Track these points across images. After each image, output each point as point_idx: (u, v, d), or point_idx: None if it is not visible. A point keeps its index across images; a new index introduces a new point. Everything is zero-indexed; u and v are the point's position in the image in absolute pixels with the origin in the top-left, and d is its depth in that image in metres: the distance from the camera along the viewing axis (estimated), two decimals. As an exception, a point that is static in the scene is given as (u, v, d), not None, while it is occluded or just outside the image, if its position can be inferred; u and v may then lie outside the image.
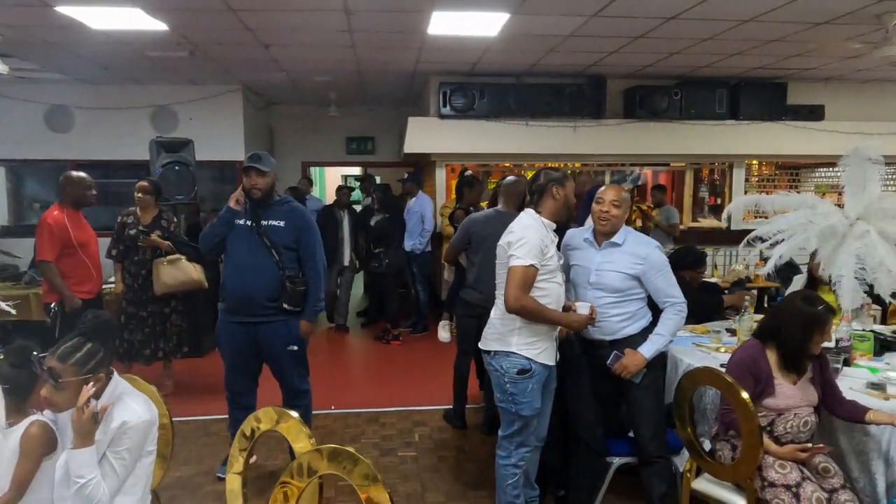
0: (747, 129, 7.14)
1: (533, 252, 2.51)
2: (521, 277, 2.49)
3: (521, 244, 2.52)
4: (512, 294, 2.50)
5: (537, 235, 2.56)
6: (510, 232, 2.63)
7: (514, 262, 2.51)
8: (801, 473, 2.36)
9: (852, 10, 4.58)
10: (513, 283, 2.50)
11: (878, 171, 3.14)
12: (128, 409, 2.00)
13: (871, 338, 3.24)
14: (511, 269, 2.52)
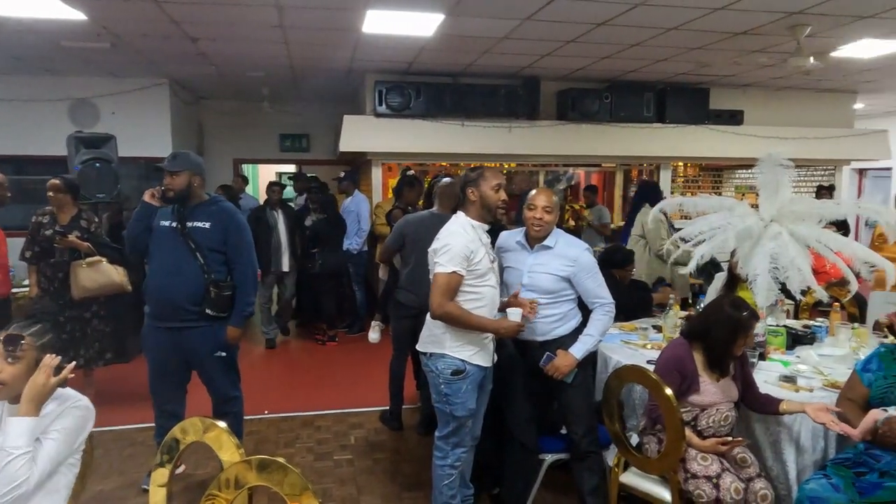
0: (673, 132, 7.42)
1: (456, 259, 2.52)
2: (445, 284, 2.51)
3: (445, 251, 2.54)
4: (435, 301, 2.51)
5: (462, 241, 2.57)
6: (437, 239, 2.64)
7: (438, 270, 2.53)
8: (721, 465, 2.48)
9: (766, 23, 4.84)
10: (436, 290, 2.52)
11: (789, 176, 3.32)
12: (71, 393, 1.95)
13: (783, 333, 3.44)
14: (434, 276, 2.54)
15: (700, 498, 2.45)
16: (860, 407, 2.53)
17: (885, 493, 2.30)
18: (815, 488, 2.39)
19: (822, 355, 3.36)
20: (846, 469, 2.44)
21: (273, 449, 3.93)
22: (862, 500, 2.31)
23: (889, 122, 9.59)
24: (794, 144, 7.63)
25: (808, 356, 3.31)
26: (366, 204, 6.83)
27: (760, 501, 2.46)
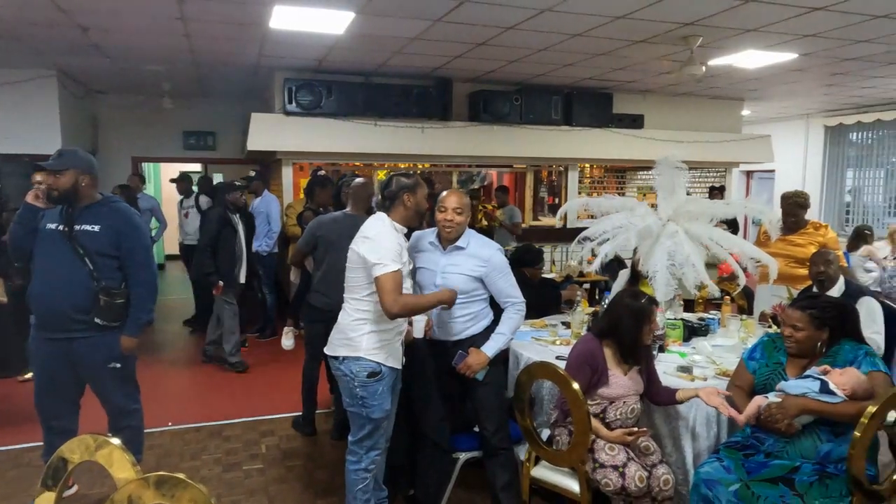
0: (579, 134, 7.70)
1: (393, 256, 2.52)
2: (392, 283, 2.48)
3: (384, 251, 2.51)
4: (388, 300, 2.47)
5: (393, 240, 2.57)
6: (366, 238, 2.60)
7: (381, 271, 2.48)
8: (627, 454, 2.60)
9: (663, 32, 5.12)
10: (386, 291, 2.47)
11: (683, 177, 3.52)
12: None
13: (681, 325, 3.64)
14: (379, 279, 2.49)
15: (607, 486, 2.55)
16: (747, 393, 2.71)
17: (770, 471, 2.48)
18: (709, 471, 2.55)
19: (715, 345, 3.59)
20: (736, 451, 2.61)
21: (177, 463, 3.74)
22: (750, 479, 2.48)
23: (772, 128, 10.41)
24: (689, 148, 8.12)
25: (702, 347, 3.52)
26: (276, 204, 6.64)
27: (662, 486, 2.59)
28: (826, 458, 2.47)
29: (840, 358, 2.58)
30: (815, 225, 4.46)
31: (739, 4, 4.40)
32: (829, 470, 2.43)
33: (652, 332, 2.77)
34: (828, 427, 2.50)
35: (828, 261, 3.58)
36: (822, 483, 2.38)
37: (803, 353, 2.63)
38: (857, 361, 2.54)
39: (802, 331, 2.57)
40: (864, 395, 2.43)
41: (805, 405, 2.47)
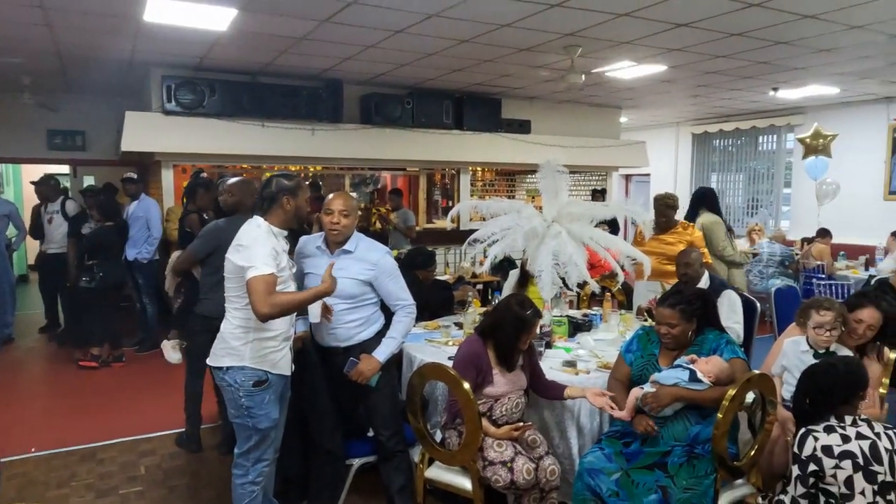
0: (470, 138, 7.86)
1: (269, 260, 2.42)
2: (264, 285, 2.37)
3: (258, 255, 2.40)
4: (260, 301, 2.35)
5: (268, 245, 2.47)
6: (240, 246, 2.48)
7: (253, 274, 2.37)
8: (514, 449, 2.67)
9: (545, 42, 5.34)
10: (257, 294, 2.36)
11: (565, 181, 3.69)
12: None
13: (566, 322, 3.80)
14: (250, 281, 2.37)
15: (497, 482, 2.61)
16: (625, 385, 2.88)
17: (646, 458, 2.65)
18: (592, 460, 2.68)
19: (598, 340, 3.78)
20: (616, 440, 2.77)
21: (42, 492, 3.42)
22: (629, 466, 2.63)
23: (647, 135, 11.14)
24: (573, 152, 8.51)
25: (586, 341, 3.70)
26: (155, 209, 6.22)
27: (549, 476, 2.69)
28: (695, 440, 2.67)
29: (705, 347, 2.80)
30: (683, 225, 4.82)
31: (614, 18, 4.67)
32: (696, 451, 2.63)
33: (529, 341, 2.80)
34: (696, 411, 2.71)
35: (688, 263, 3.81)
36: (690, 464, 2.57)
37: (679, 345, 2.83)
38: (719, 350, 2.77)
39: (677, 326, 2.77)
40: (727, 381, 2.65)
41: (677, 393, 2.66)
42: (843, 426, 2.26)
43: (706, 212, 5.36)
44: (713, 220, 5.27)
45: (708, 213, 5.33)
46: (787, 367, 2.99)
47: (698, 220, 5.32)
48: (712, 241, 5.16)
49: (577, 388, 2.87)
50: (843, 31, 5.01)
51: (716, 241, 5.18)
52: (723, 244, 5.21)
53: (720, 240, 5.22)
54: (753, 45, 5.49)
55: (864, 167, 8.53)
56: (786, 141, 9.82)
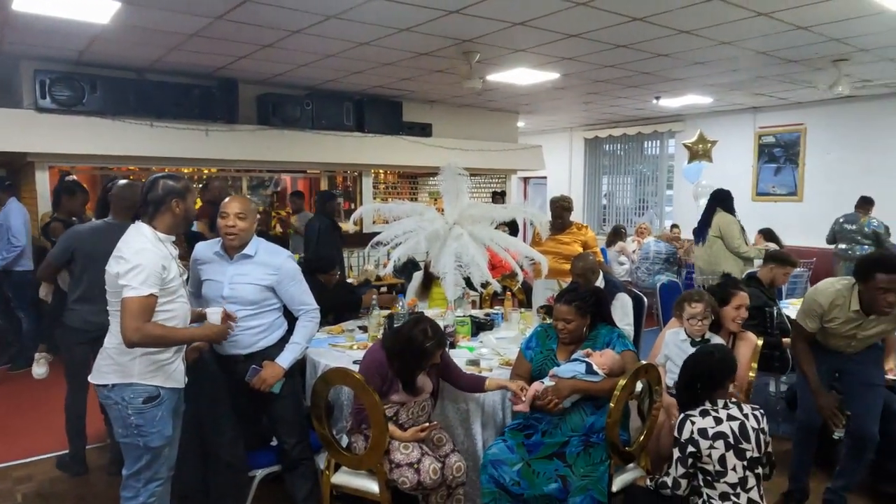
0: (371, 141, 7.84)
1: (151, 279, 2.27)
2: (140, 308, 2.23)
3: (137, 272, 2.25)
4: (130, 327, 2.22)
5: (154, 258, 2.31)
6: (120, 258, 2.31)
7: (130, 293, 2.23)
8: (421, 450, 2.70)
9: (444, 47, 5.43)
10: (130, 315, 2.22)
11: (466, 183, 3.78)
12: None
13: (469, 322, 3.88)
14: (126, 300, 2.23)
15: (404, 484, 2.63)
16: (526, 381, 2.98)
17: (546, 448, 2.77)
18: (496, 452, 2.77)
19: (500, 338, 3.89)
20: (518, 432, 2.87)
21: None
22: (531, 457, 2.74)
23: (543, 139, 11.57)
24: (474, 155, 8.71)
25: (488, 340, 3.80)
26: (20, 214, 5.63)
27: (456, 473, 2.74)
28: (591, 429, 2.82)
29: (599, 341, 2.97)
30: (577, 225, 5.07)
31: (510, 27, 4.83)
32: (592, 440, 2.78)
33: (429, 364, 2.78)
34: (591, 402, 2.86)
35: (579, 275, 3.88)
36: (586, 452, 2.72)
37: (574, 339, 2.97)
38: (612, 343, 2.95)
39: (573, 321, 2.92)
40: (619, 372, 2.82)
41: (575, 386, 2.81)
42: (716, 409, 2.47)
43: (721, 212, 5.72)
44: (729, 220, 5.65)
45: (723, 213, 5.69)
46: (669, 357, 3.23)
47: (714, 219, 5.68)
48: (728, 239, 5.58)
49: (496, 380, 2.95)
50: (715, 46, 5.46)
51: (731, 240, 5.59)
52: (737, 242, 5.59)
53: (735, 238, 5.60)
54: (637, 57, 5.86)
55: (735, 171, 9.32)
56: (668, 146, 10.54)
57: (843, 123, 8.32)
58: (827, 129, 8.51)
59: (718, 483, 2.41)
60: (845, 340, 3.03)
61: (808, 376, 3.03)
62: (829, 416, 2.93)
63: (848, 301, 2.92)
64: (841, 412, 2.92)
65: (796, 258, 4.61)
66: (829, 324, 3.00)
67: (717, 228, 5.67)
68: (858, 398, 3.02)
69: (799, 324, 3.09)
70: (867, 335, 2.99)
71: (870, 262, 2.85)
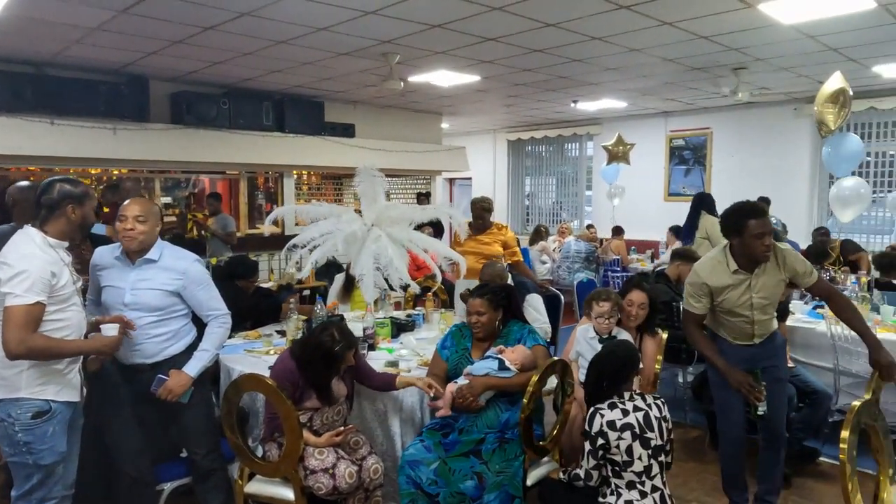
0: (292, 141, 7.69)
1: (38, 286, 2.15)
2: (24, 317, 2.11)
3: (22, 279, 2.13)
4: (14, 337, 2.09)
5: (41, 264, 2.19)
6: (4, 264, 2.18)
7: (13, 301, 2.11)
8: (336, 455, 2.67)
9: (363, 47, 5.40)
10: (13, 325, 2.10)
11: (382, 185, 3.77)
12: None
13: (388, 323, 3.88)
14: (9, 308, 2.11)
15: (319, 490, 2.60)
16: (442, 380, 3.02)
17: (462, 446, 2.80)
18: (413, 452, 2.79)
19: (419, 339, 3.90)
20: (436, 432, 2.90)
21: None
22: (447, 456, 2.77)
23: (468, 141, 11.71)
24: (397, 156, 8.71)
25: (408, 341, 3.80)
26: None
27: (373, 475, 2.73)
28: (505, 425, 2.88)
29: (511, 338, 3.04)
30: (498, 226, 5.16)
31: (428, 29, 4.86)
32: (507, 436, 2.84)
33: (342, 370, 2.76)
34: (506, 398, 2.92)
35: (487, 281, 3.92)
36: (501, 448, 2.77)
37: (488, 334, 3.03)
38: (523, 339, 3.03)
39: (485, 314, 2.98)
40: (530, 367, 2.90)
41: (488, 383, 2.86)
42: (623, 401, 2.58)
43: (706, 214, 5.83)
44: (715, 222, 5.64)
45: (707, 215, 5.80)
46: (580, 353, 3.34)
47: (701, 221, 5.79)
48: (715, 240, 5.59)
49: (405, 378, 2.96)
50: (625, 53, 5.69)
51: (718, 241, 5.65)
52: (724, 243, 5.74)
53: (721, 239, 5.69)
54: (553, 62, 6.03)
55: (649, 172, 9.75)
56: (587, 148, 10.90)
57: (745, 128, 8.86)
58: (731, 133, 9.04)
59: (626, 472, 2.51)
60: (744, 321, 2.92)
61: (712, 358, 2.92)
62: (749, 391, 2.80)
63: (725, 264, 2.89)
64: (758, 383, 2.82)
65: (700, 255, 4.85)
66: (720, 304, 2.91)
67: (704, 230, 5.85)
68: (770, 395, 2.91)
69: (687, 310, 3.02)
70: (762, 303, 2.89)
71: (738, 213, 2.85)
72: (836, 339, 3.94)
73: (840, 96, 4.19)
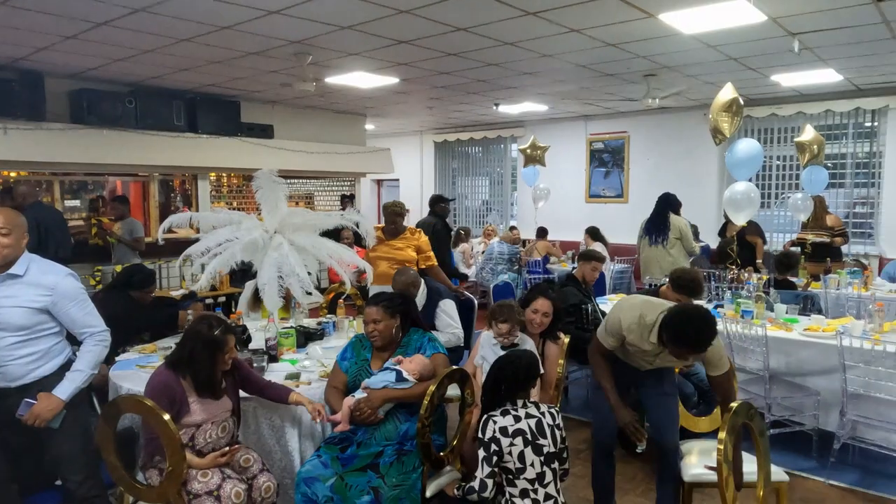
0: (207, 142, 7.40)
1: None
2: None
3: None
4: None
5: None
6: None
7: None
8: (221, 475, 2.54)
9: (274, 47, 5.24)
10: None
11: (283, 191, 3.65)
12: None
13: (293, 333, 3.76)
14: None
15: (204, 513, 2.47)
16: (342, 393, 2.95)
17: (360, 461, 2.73)
18: (309, 469, 2.70)
19: (328, 348, 3.80)
20: (334, 446, 2.82)
21: None
22: (344, 471, 2.69)
23: (394, 142, 11.64)
24: (320, 158, 8.54)
25: (314, 351, 3.69)
26: None
27: (265, 494, 2.62)
28: (404, 436, 2.83)
29: (411, 347, 3.00)
30: (411, 230, 5.10)
31: (339, 30, 4.76)
32: (406, 448, 2.79)
33: (228, 361, 2.67)
34: (405, 409, 2.88)
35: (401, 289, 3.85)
36: (399, 461, 2.72)
37: (386, 342, 2.98)
38: (423, 348, 2.99)
39: (381, 322, 2.93)
40: (430, 376, 2.87)
41: (386, 395, 2.81)
42: (516, 408, 2.58)
43: (673, 215, 6.19)
44: (684, 223, 6.19)
45: (675, 216, 6.16)
46: (485, 358, 3.33)
47: (672, 222, 6.14)
48: (686, 240, 6.13)
49: (298, 396, 2.86)
50: (539, 58, 5.76)
51: (689, 242, 6.14)
52: (693, 243, 6.25)
53: (691, 239, 6.19)
54: (470, 65, 6.04)
55: (570, 174, 9.96)
56: (511, 150, 11.02)
57: (659, 132, 9.18)
58: (646, 137, 9.34)
59: (519, 480, 2.51)
60: (645, 363, 2.93)
61: (607, 391, 2.90)
62: (632, 432, 2.82)
63: (648, 331, 2.74)
64: (642, 425, 2.93)
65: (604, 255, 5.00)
66: (630, 345, 2.87)
67: (677, 231, 6.16)
68: (656, 408, 2.99)
69: (598, 338, 2.96)
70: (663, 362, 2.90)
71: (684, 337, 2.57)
72: (732, 337, 4.11)
73: (733, 105, 4.37)
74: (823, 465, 3.77)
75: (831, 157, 7.71)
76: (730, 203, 4.66)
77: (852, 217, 7.93)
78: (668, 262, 6.10)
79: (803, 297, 4.96)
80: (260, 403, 2.95)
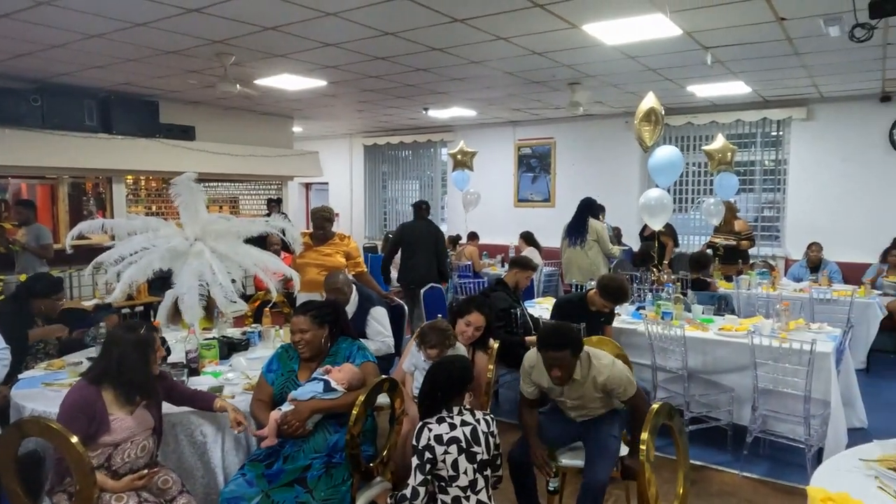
0: (122, 143, 7.04)
1: None
2: None
3: None
4: None
5: None
6: None
7: None
8: (138, 498, 2.41)
9: (193, 46, 5.04)
10: None
11: (203, 197, 3.50)
12: None
13: (215, 345, 3.61)
14: None
15: (120, 540, 2.33)
16: (268, 406, 2.85)
17: (287, 475, 2.65)
18: (233, 489, 2.59)
19: (253, 358, 3.67)
20: (259, 463, 2.72)
21: None
22: (271, 488, 2.60)
23: (323, 145, 11.45)
24: (245, 161, 8.28)
25: (238, 363, 3.56)
26: None
27: (184, 517, 2.51)
28: (334, 448, 2.77)
29: (340, 356, 2.94)
30: (340, 236, 5.02)
31: (261, 31, 4.63)
32: (335, 460, 2.73)
33: (158, 359, 2.62)
34: (335, 420, 2.81)
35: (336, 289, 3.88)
36: (328, 474, 2.65)
37: (314, 353, 2.90)
38: (352, 356, 2.94)
39: (308, 332, 2.86)
40: (359, 385, 2.82)
41: (315, 406, 2.74)
42: (451, 416, 2.57)
43: (592, 219, 6.39)
44: (602, 227, 6.42)
45: (593, 220, 6.36)
46: (416, 365, 3.31)
47: (590, 225, 6.34)
48: (603, 243, 6.34)
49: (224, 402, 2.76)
50: (466, 65, 5.80)
51: (605, 243, 6.36)
52: (611, 245, 6.48)
53: (608, 241, 6.40)
54: (398, 70, 6.02)
55: (499, 179, 10.10)
56: (441, 155, 11.07)
57: (583, 138, 9.45)
58: (571, 143, 9.59)
59: (451, 487, 2.50)
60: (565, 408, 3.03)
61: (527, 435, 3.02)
62: (541, 466, 2.92)
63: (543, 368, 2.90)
64: (553, 460, 2.98)
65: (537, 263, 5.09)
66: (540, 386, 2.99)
67: (594, 233, 6.38)
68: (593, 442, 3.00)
69: (520, 391, 3.10)
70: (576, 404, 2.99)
71: (540, 341, 2.88)
72: (654, 338, 4.27)
73: (653, 115, 4.57)
74: (737, 457, 3.96)
75: (742, 164, 8.17)
76: (645, 209, 4.86)
77: (761, 220, 8.43)
78: (586, 263, 6.38)
79: (718, 297, 5.22)
80: (179, 420, 2.82)
